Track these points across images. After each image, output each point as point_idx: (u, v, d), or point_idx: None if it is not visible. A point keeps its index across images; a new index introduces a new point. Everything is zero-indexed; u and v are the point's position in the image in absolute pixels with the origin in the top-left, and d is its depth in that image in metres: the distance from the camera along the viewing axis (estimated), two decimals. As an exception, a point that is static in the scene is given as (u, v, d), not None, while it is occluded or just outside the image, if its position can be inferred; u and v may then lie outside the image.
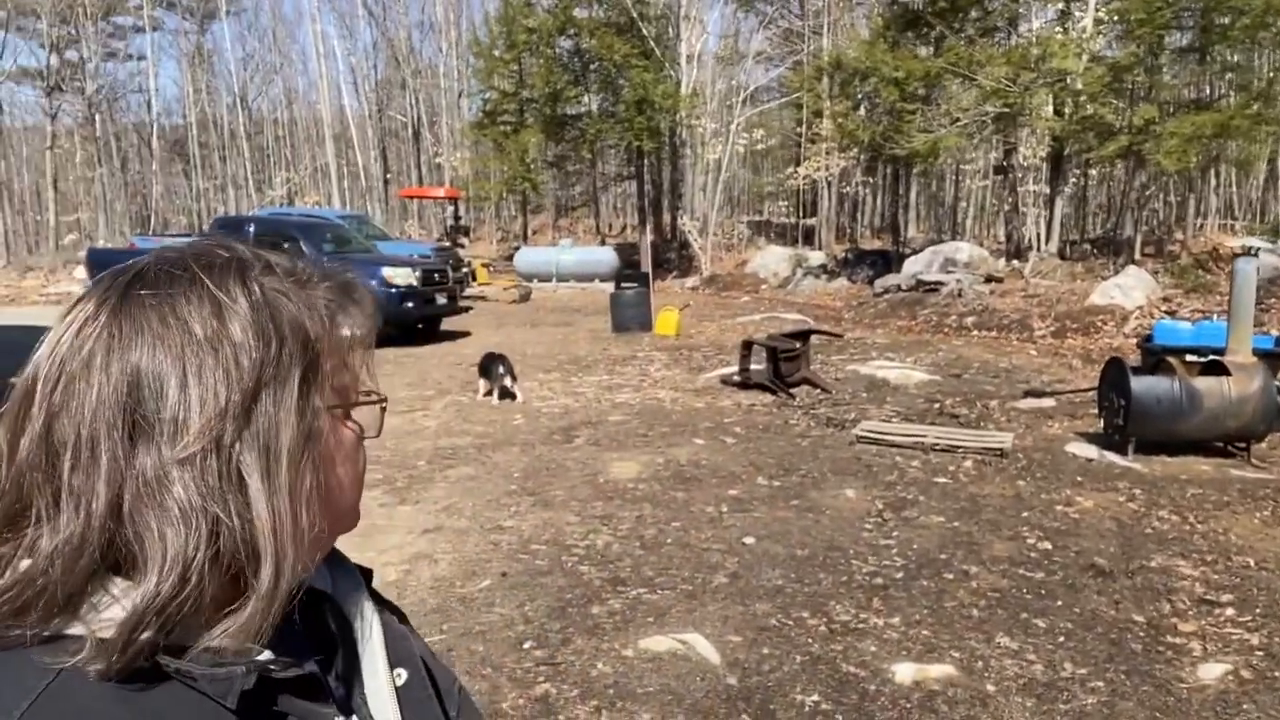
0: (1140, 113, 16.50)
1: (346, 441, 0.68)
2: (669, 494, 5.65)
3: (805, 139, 25.24)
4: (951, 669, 3.50)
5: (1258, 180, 25.68)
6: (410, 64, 39.22)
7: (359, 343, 0.69)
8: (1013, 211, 20.10)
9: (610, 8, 25.93)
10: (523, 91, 28.05)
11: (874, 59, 18.74)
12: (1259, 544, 4.80)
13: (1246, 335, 6.53)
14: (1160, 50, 17.65)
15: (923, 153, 18.24)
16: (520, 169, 27.09)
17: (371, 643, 0.74)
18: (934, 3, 19.89)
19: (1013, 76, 16.92)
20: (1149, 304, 13.69)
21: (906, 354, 11.00)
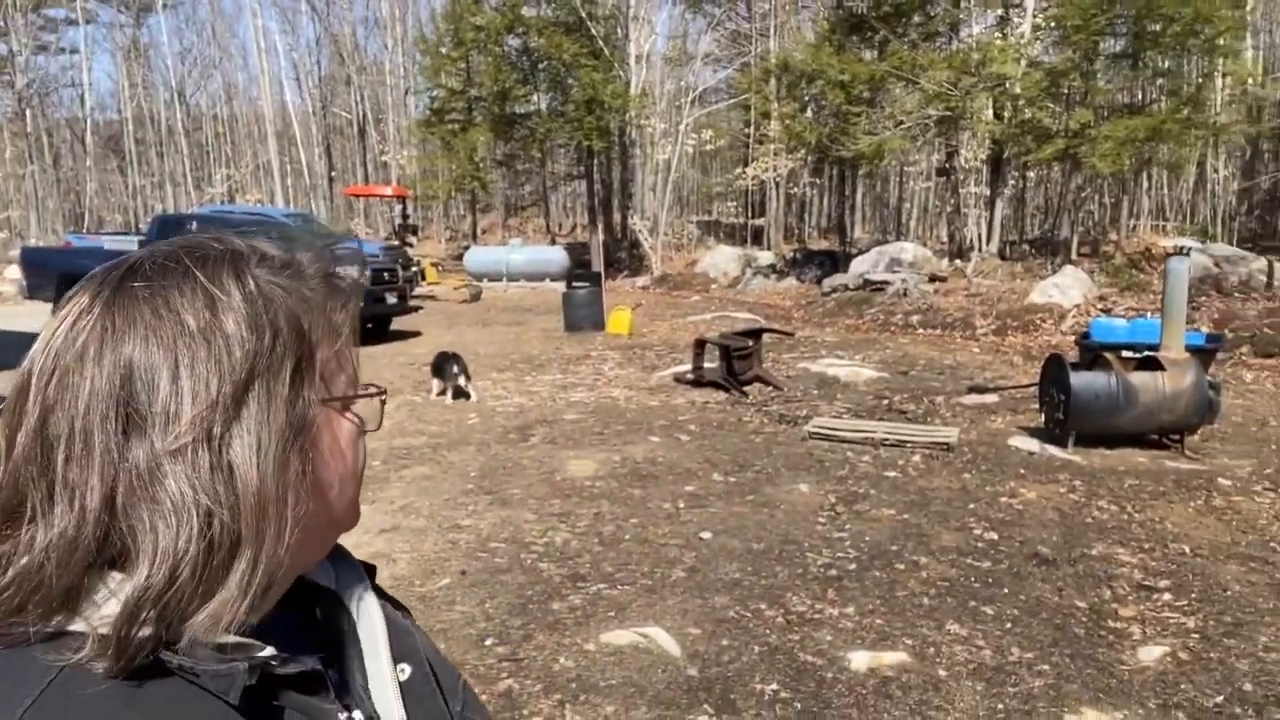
0: (1076, 117, 17.01)
1: (344, 435, 0.68)
2: (626, 491, 5.70)
3: (753, 140, 25.49)
4: (904, 656, 3.60)
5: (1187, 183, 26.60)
6: (355, 60, 38.68)
7: (354, 334, 0.70)
8: (955, 212, 20.56)
9: (559, 7, 25.90)
10: (471, 90, 27.87)
11: (820, 62, 19.02)
12: (1193, 532, 5.01)
13: (1179, 332, 6.78)
14: (1095, 56, 18.19)
15: (868, 154, 18.56)
16: (469, 168, 26.91)
17: (375, 638, 0.74)
18: (878, 7, 20.25)
19: (954, 81, 17.30)
20: (1085, 302, 14.12)
21: (855, 352, 11.20)
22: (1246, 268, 15.06)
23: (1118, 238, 21.09)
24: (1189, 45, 17.49)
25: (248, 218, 15.71)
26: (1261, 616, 3.92)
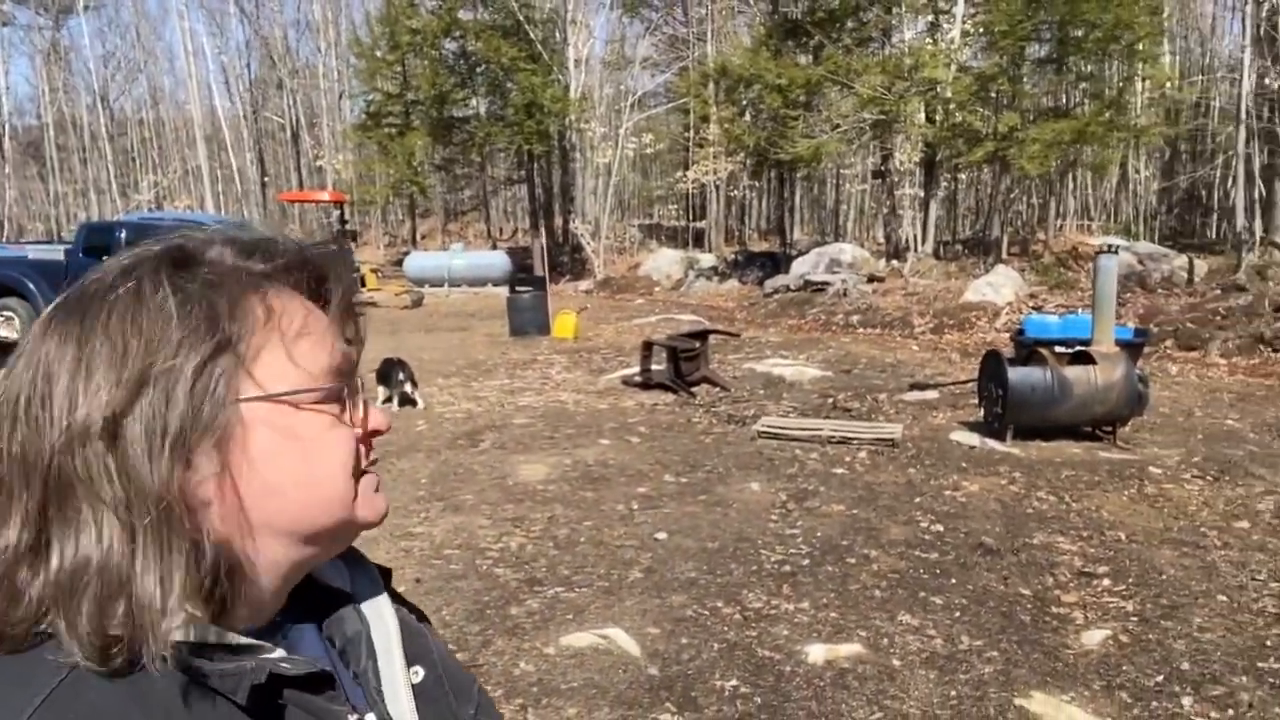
0: (1004, 120, 17.51)
1: (297, 433, 0.64)
2: (579, 494, 5.70)
3: (693, 143, 25.68)
4: (859, 647, 3.68)
5: (1111, 183, 27.57)
6: (287, 63, 37.92)
7: (316, 325, 0.66)
8: (891, 214, 20.99)
9: (496, 10, 25.77)
10: (408, 93, 27.56)
11: (758, 66, 19.26)
12: (1128, 519, 5.20)
13: (1109, 327, 7.04)
14: (1022, 61, 18.75)
15: (806, 157, 18.86)
16: (407, 172, 26.60)
17: (389, 641, 0.74)
18: (812, 13, 20.60)
19: (888, 85, 17.68)
20: (1017, 300, 14.55)
21: (799, 352, 11.37)
22: (1168, 265, 15.69)
23: (1046, 237, 21.75)
24: (1110, 50, 18.16)
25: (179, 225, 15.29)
26: (1195, 599, 4.09)
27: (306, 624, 0.73)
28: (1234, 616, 3.89)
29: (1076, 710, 3.20)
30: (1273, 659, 3.50)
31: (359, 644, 0.73)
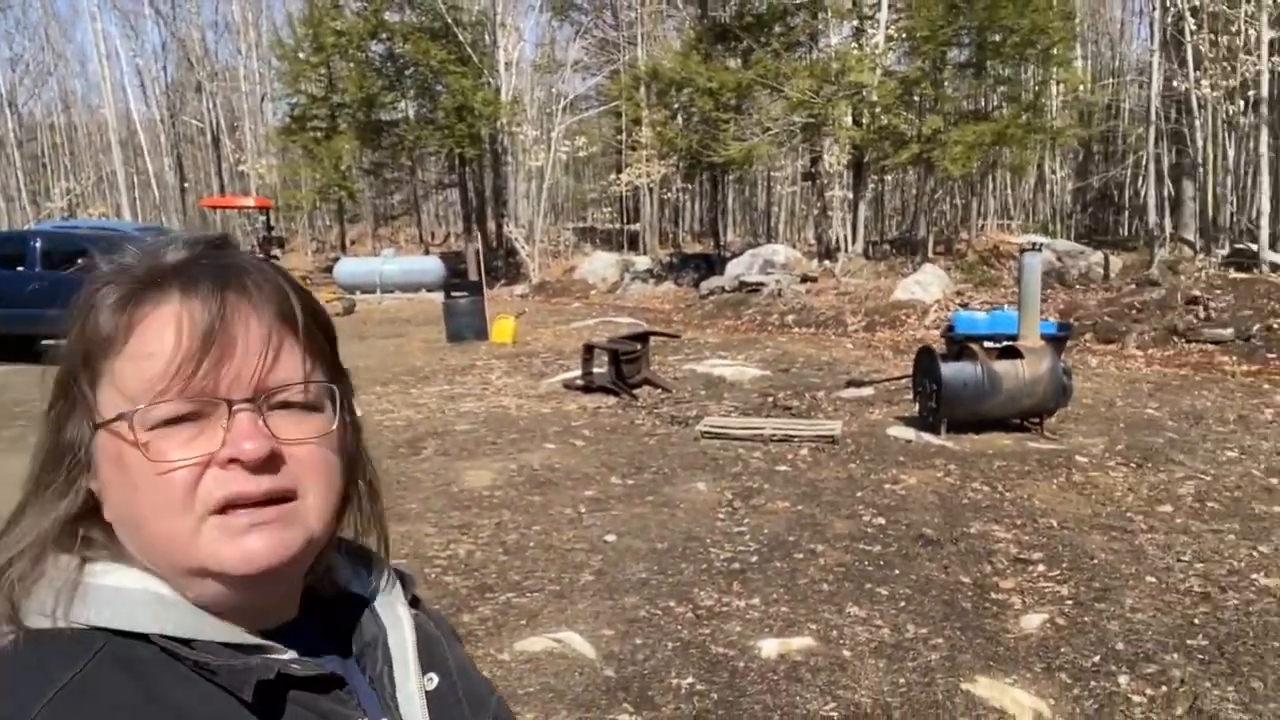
0: (928, 123, 17.97)
1: (126, 460, 0.62)
2: (526, 499, 5.68)
3: (626, 146, 25.74)
4: (811, 640, 3.75)
5: (1028, 184, 28.52)
6: (205, 66, 36.85)
7: (158, 343, 0.62)
8: (821, 215, 21.35)
9: (424, 13, 25.47)
10: (334, 96, 27.03)
11: (689, 70, 19.42)
12: (1059, 506, 5.40)
13: (1035, 322, 7.30)
14: (943, 65, 19.29)
15: (738, 160, 19.08)
16: (334, 176, 26.08)
17: (404, 646, 0.74)
18: (741, 17, 20.87)
19: (816, 89, 18.00)
20: (944, 298, 14.96)
21: (738, 352, 11.50)
22: (1085, 261, 16.31)
23: (969, 236, 22.38)
24: (1026, 55, 18.78)
25: (96, 233, 14.73)
26: (1126, 581, 4.27)
27: (320, 626, 0.73)
28: (1162, 597, 4.08)
29: (1020, 692, 3.32)
30: (1200, 636, 3.68)
31: (376, 649, 0.74)
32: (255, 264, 0.67)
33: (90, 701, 0.59)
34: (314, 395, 0.66)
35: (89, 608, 0.63)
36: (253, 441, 0.61)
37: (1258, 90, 14.21)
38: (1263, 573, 4.30)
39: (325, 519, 0.67)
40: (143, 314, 0.63)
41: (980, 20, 17.69)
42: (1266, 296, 11.61)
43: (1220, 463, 6.22)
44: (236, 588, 0.63)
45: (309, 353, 0.67)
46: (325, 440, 0.66)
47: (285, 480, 0.64)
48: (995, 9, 16.96)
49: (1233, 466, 6.12)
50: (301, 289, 0.69)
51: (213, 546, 0.62)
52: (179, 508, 0.61)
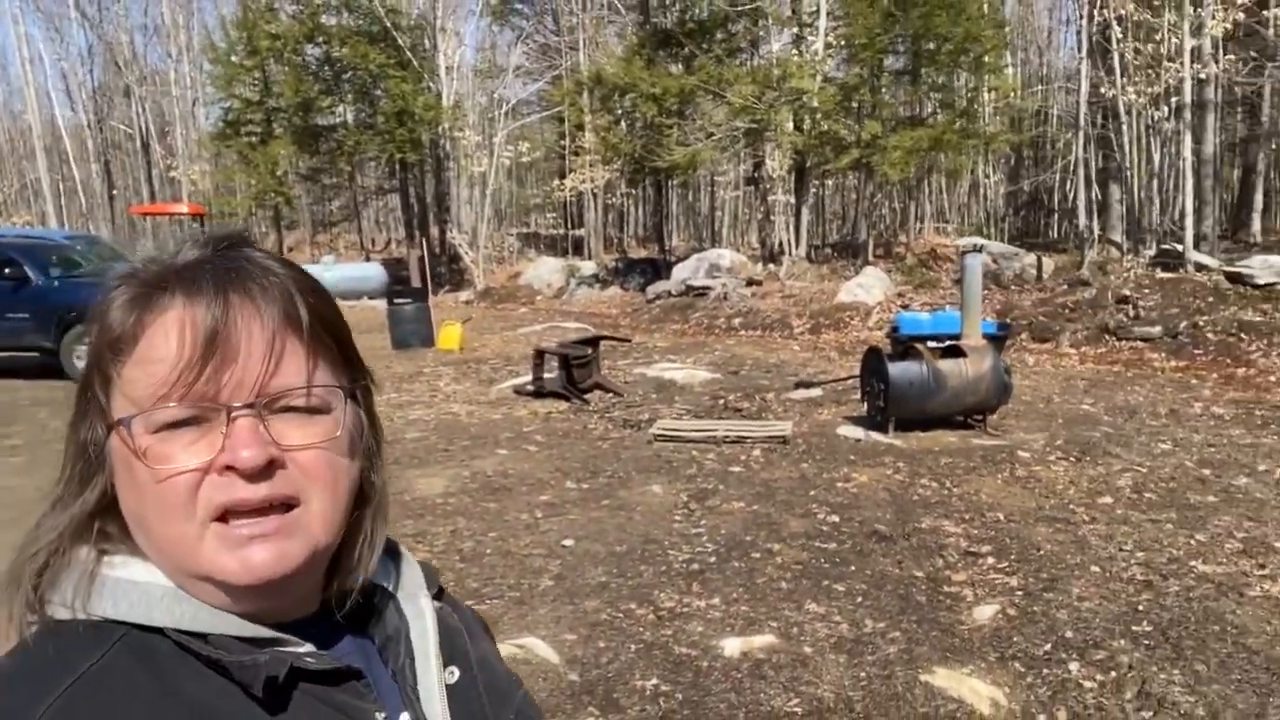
0: (867, 128, 18.32)
1: (133, 464, 0.63)
2: (480, 505, 5.64)
3: (569, 151, 25.72)
4: (772, 638, 3.79)
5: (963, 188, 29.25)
6: (134, 70, 35.81)
7: (164, 348, 0.63)
8: (765, 219, 21.60)
9: (361, 16, 25.15)
10: (269, 100, 26.53)
11: (632, 75, 19.50)
12: (1004, 500, 5.55)
13: (977, 321, 7.47)
14: (881, 72, 19.69)
15: (682, 165, 19.21)
16: (270, 182, 25.59)
17: (425, 640, 0.75)
18: (683, 24, 21.04)
19: (758, 95, 18.21)
20: (886, 300, 15.25)
21: (686, 355, 11.57)
22: (1019, 263, 16.77)
23: (908, 240, 22.86)
24: (960, 62, 19.28)
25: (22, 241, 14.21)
26: (1072, 571, 4.40)
27: (342, 619, 0.73)
28: (1107, 585, 4.21)
29: (976, 682, 3.40)
30: (1145, 622, 3.81)
31: (398, 641, 0.74)
32: (263, 265, 0.67)
33: (107, 692, 0.60)
34: (318, 399, 0.66)
35: (106, 600, 0.64)
36: (250, 449, 0.61)
37: (1180, 97, 14.78)
38: (1200, 560, 4.48)
39: (331, 525, 0.67)
40: (148, 319, 0.63)
41: (916, 29, 18.11)
42: (1192, 295, 12.07)
43: (1155, 455, 6.45)
44: (240, 595, 0.64)
45: (314, 355, 0.66)
46: (330, 444, 0.66)
47: (285, 487, 0.64)
48: (930, 18, 17.37)
49: (1167, 458, 6.35)
50: (313, 288, 0.69)
51: (214, 556, 0.63)
52: (181, 514, 0.62)
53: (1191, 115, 14.90)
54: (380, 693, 0.70)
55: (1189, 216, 14.16)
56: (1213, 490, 5.61)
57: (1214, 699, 3.19)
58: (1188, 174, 14.67)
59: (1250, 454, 6.41)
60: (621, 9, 25.47)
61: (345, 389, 0.68)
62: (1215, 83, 15.19)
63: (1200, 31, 14.24)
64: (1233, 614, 3.86)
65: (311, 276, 0.71)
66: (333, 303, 0.71)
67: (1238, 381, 9.27)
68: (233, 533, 0.62)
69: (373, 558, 0.74)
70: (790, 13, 19.53)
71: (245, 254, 0.68)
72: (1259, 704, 3.15)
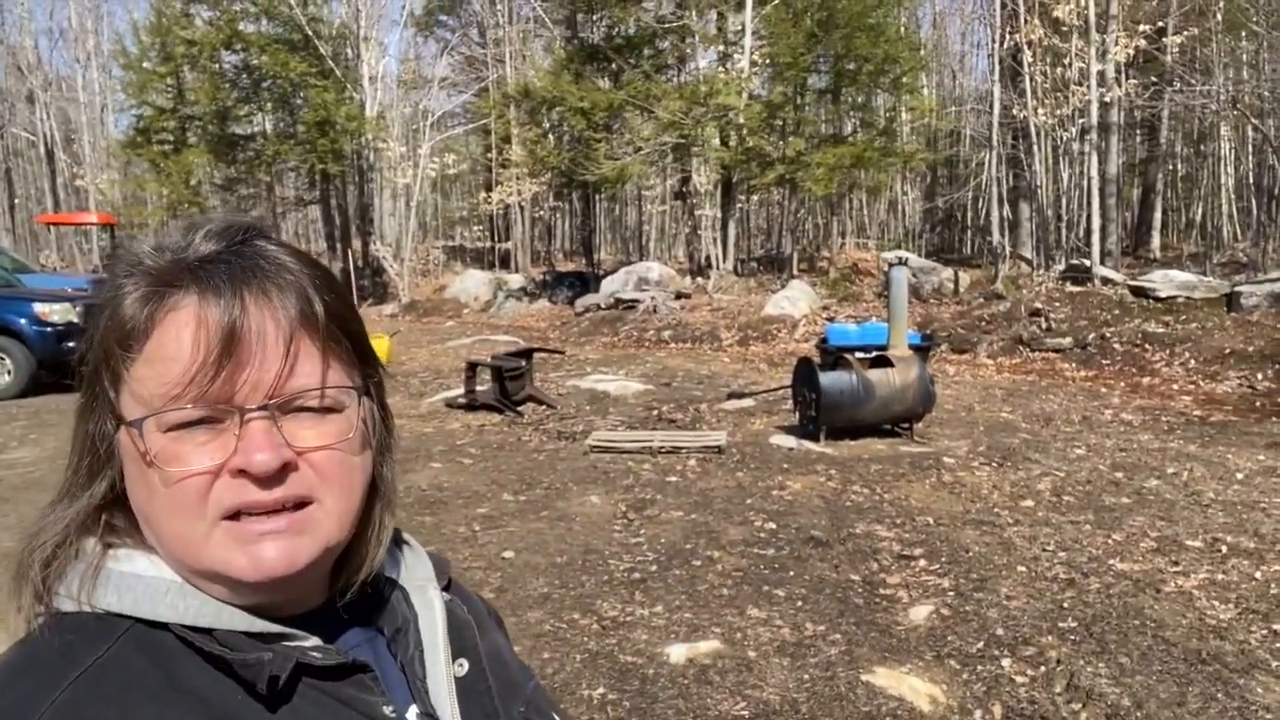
0: (791, 145, 18.73)
1: (141, 465, 0.63)
2: (416, 519, 5.55)
3: (496, 164, 25.59)
4: (717, 643, 3.82)
5: (881, 205, 30.09)
6: (39, 75, 34.33)
7: (174, 345, 0.62)
8: (692, 233, 21.85)
9: (281, 24, 24.63)
10: (183, 108, 25.73)
11: (560, 89, 19.55)
12: (933, 505, 5.71)
13: (903, 332, 7.70)
14: (804, 91, 20.18)
15: (611, 178, 19.31)
16: (185, 192, 24.81)
17: (434, 632, 0.74)
18: (611, 39, 21.19)
19: (686, 110, 18.44)
20: (812, 312, 15.57)
21: (619, 367, 11.60)
22: (937, 277, 17.30)
23: (830, 254, 23.39)
24: (880, 82, 19.88)
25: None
26: (999, 572, 4.56)
27: (354, 610, 0.73)
28: (1033, 584, 4.38)
29: (915, 680, 3.49)
30: (1070, 619, 3.97)
31: (407, 633, 0.74)
32: (279, 261, 0.66)
33: (113, 685, 0.59)
34: (332, 398, 0.66)
35: (111, 593, 0.64)
36: (264, 453, 0.61)
37: (1087, 119, 15.51)
38: (1118, 558, 4.68)
39: (344, 523, 0.67)
40: (160, 316, 0.62)
41: (837, 49, 18.63)
42: (1099, 308, 12.64)
43: (1071, 460, 6.72)
44: (247, 591, 0.64)
45: (329, 355, 0.66)
46: (344, 444, 0.66)
47: (299, 488, 0.64)
48: (851, 39, 17.89)
49: (1082, 463, 6.63)
50: (329, 285, 0.68)
51: (223, 553, 0.62)
52: (191, 513, 0.62)
53: (1097, 136, 15.65)
54: (388, 685, 0.69)
55: (1095, 233, 14.84)
56: (1126, 492, 5.87)
57: (1138, 689, 3.34)
58: (1093, 193, 15.39)
59: (1159, 458, 6.74)
60: (549, 23, 25.50)
61: (359, 387, 0.68)
62: (1118, 106, 15.99)
63: (1105, 57, 14.99)
64: (1151, 609, 4.05)
65: (327, 271, 0.70)
66: (348, 298, 0.70)
67: (1143, 389, 9.73)
68: (244, 529, 0.62)
69: (381, 550, 0.73)
70: (716, 31, 19.86)
71: (260, 248, 0.66)
72: (1179, 693, 3.31)
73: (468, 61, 30.29)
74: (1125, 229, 23.48)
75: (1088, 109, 15.13)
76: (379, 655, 0.72)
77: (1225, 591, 4.22)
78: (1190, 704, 3.23)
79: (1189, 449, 7.01)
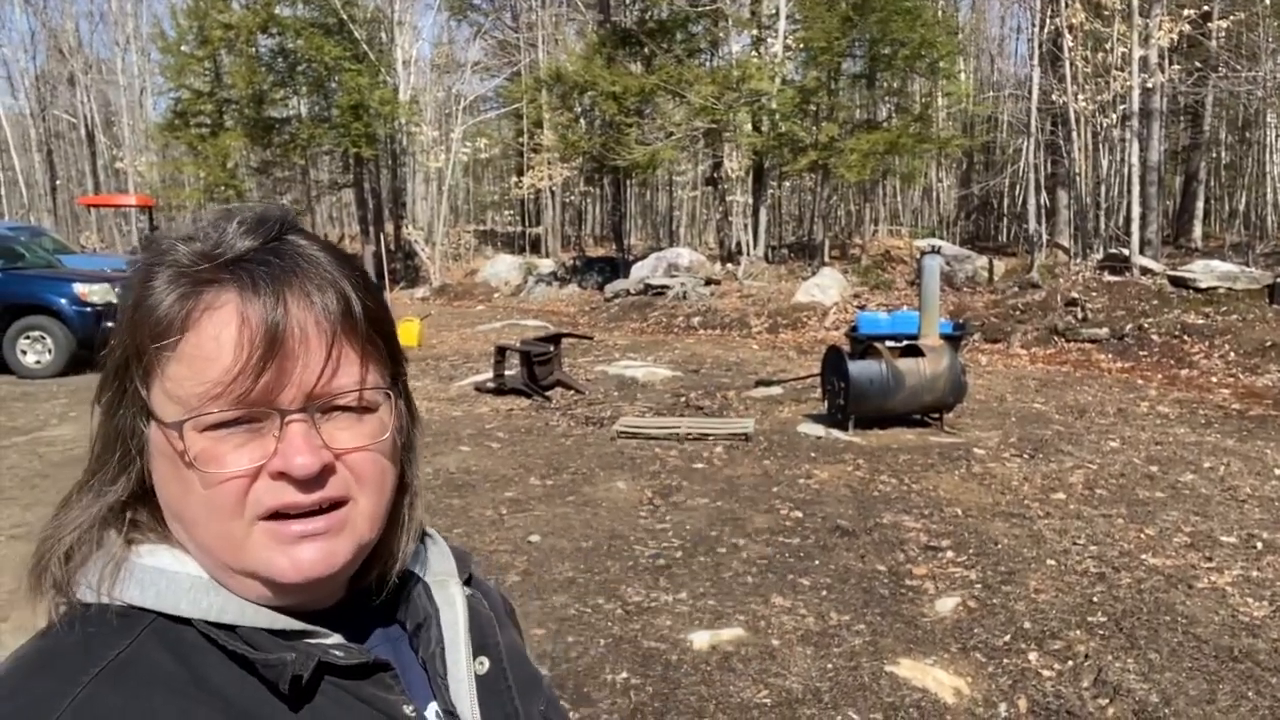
0: (825, 131, 18.52)
1: (177, 459, 0.62)
2: (444, 502, 5.60)
3: (527, 149, 25.60)
4: (740, 630, 3.83)
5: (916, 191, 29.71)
6: (80, 58, 34.85)
7: (210, 344, 0.61)
8: (723, 219, 21.72)
9: (317, 8, 24.75)
10: (220, 91, 25.97)
11: (592, 74, 19.47)
12: (962, 496, 5.66)
13: (934, 321, 7.62)
14: (838, 76, 19.91)
15: (642, 164, 19.23)
16: (222, 175, 25.05)
17: (456, 629, 0.73)
18: (643, 23, 21.05)
19: (718, 95, 18.31)
20: (843, 300, 15.44)
21: (647, 353, 11.60)
22: (971, 265, 17.10)
23: (863, 241, 23.16)
24: (916, 67, 19.58)
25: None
26: (1028, 564, 4.51)
27: (377, 608, 0.73)
28: (1063, 578, 4.33)
29: (940, 672, 3.47)
30: (1099, 613, 3.92)
31: (429, 629, 0.74)
32: (316, 260, 0.65)
33: (135, 679, 0.59)
34: (369, 399, 0.65)
35: (133, 587, 0.63)
36: (304, 456, 0.61)
37: (1128, 105, 15.19)
38: (1150, 553, 4.62)
39: (376, 523, 0.67)
40: (199, 312, 0.61)
41: (873, 33, 18.35)
42: (1137, 298, 12.42)
43: (1105, 452, 6.63)
44: (282, 592, 0.64)
45: (367, 356, 0.65)
46: (379, 445, 0.66)
47: (336, 490, 0.63)
48: (887, 23, 17.62)
49: (1116, 455, 6.53)
50: (365, 285, 0.67)
51: (263, 553, 0.62)
52: (229, 513, 0.62)
53: (1138, 123, 15.32)
54: (408, 682, 0.69)
55: (1135, 222, 14.56)
56: (1160, 486, 5.78)
57: (1166, 686, 3.30)
58: (1134, 181, 15.08)
59: (1195, 451, 6.62)
60: (581, 7, 25.42)
61: (392, 387, 0.68)
62: (1161, 92, 15.63)
63: (1148, 42, 14.66)
64: (1182, 605, 4.00)
65: (362, 269, 0.69)
66: (381, 298, 0.69)
67: (1181, 382, 9.56)
68: (283, 530, 0.62)
69: (410, 546, 0.74)
70: (750, 15, 19.67)
71: (296, 246, 0.65)
72: (1209, 690, 3.27)
73: (500, 46, 30.29)
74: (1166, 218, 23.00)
75: (1129, 95, 14.80)
76: (399, 651, 0.72)
77: (1260, 589, 4.15)
78: (1220, 701, 3.19)
79: (1226, 443, 6.89)
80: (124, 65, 32.76)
